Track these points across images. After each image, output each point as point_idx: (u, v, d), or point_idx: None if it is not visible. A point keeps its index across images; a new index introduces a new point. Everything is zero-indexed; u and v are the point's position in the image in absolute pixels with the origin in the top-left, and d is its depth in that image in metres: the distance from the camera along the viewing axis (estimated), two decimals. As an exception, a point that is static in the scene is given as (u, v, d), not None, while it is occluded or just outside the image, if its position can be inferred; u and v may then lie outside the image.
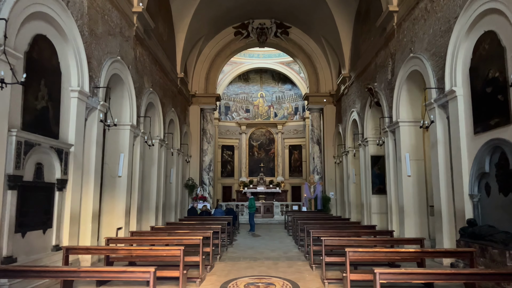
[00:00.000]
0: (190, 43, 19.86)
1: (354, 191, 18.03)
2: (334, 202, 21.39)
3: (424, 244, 7.44)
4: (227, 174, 29.20)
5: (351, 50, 18.49)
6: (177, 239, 7.15)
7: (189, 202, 20.60)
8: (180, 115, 19.17)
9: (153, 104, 14.26)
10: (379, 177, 14.96)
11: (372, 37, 14.84)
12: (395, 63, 12.27)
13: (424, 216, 11.39)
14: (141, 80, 12.91)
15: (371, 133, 15.12)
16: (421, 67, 10.07)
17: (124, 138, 11.48)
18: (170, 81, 17.41)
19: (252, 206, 15.98)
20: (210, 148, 21.96)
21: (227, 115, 29.93)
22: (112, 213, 11.15)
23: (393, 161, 12.52)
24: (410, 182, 11.46)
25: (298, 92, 29.35)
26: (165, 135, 15.77)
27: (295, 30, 22.35)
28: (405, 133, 11.65)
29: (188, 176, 20.88)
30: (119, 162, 11.28)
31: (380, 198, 14.83)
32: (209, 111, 22.26)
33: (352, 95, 18.18)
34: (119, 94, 11.40)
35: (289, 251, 11.15)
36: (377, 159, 15.03)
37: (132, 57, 12.07)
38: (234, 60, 27.80)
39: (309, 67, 22.67)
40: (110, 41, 10.22)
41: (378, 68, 14.12)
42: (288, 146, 29.48)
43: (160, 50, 15.35)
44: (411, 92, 11.54)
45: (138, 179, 12.48)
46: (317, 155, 22.04)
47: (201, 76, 22.27)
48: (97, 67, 9.35)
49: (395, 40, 12.34)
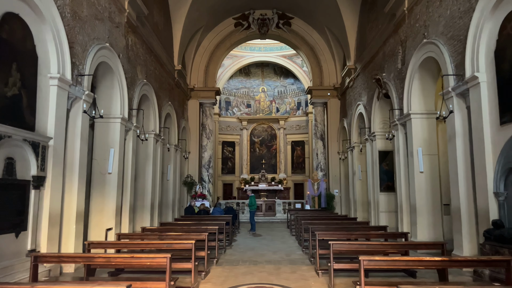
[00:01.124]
0: (188, 34, 19.01)
1: (360, 188, 17.18)
2: (339, 200, 20.55)
3: (446, 248, 6.62)
4: (228, 171, 28.40)
5: (356, 40, 17.60)
6: (167, 243, 6.34)
7: (187, 200, 19.82)
8: (177, 109, 18.35)
9: (148, 96, 13.44)
10: (387, 173, 14.11)
11: (380, 25, 13.96)
12: (406, 50, 11.39)
13: (438, 216, 10.55)
14: (133, 70, 12.09)
15: (379, 127, 14.26)
16: (436, 53, 9.20)
17: (114, 132, 10.67)
18: (167, 73, 16.58)
19: (253, 204, 15.17)
20: (210, 144, 21.14)
21: (228, 110, 29.08)
22: (101, 213, 10.36)
23: (403, 156, 11.67)
24: (422, 178, 10.61)
25: (300, 86, 28.48)
26: (161, 129, 14.96)
27: (297, 21, 21.45)
28: (417, 126, 10.79)
29: (186, 173, 20.07)
30: (109, 157, 10.48)
31: (388, 196, 13.99)
32: (208, 105, 21.42)
33: (358, 87, 17.30)
34: (109, 84, 10.58)
35: (292, 253, 10.33)
36: (385, 154, 14.17)
37: (123, 45, 11.24)
38: (234, 53, 26.95)
39: (312, 59, 21.78)
40: (97, 26, 9.39)
41: (386, 58, 13.24)
42: (291, 142, 28.63)
43: (155, 40, 14.51)
44: (423, 81, 10.67)
45: (130, 176, 11.67)
46: (320, 151, 21.19)
47: (200, 69, 21.42)
48: (81, 53, 8.52)
49: (405, 26, 11.47)
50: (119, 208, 10.82)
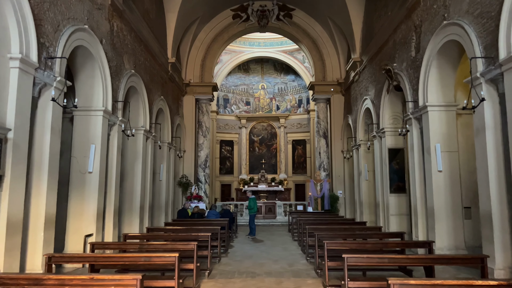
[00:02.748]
0: (183, 25, 17.86)
1: (367, 189, 16.03)
2: (343, 202, 19.39)
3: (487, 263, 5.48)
4: (226, 171, 27.23)
5: (362, 30, 16.46)
6: (146, 257, 5.19)
7: (182, 201, 18.66)
8: (171, 105, 17.19)
9: (136, 88, 12.28)
10: (397, 173, 12.97)
11: (390, 12, 12.82)
12: (421, 36, 10.25)
13: (459, 220, 9.40)
14: (119, 59, 10.94)
15: (389, 123, 13.11)
16: (460, 34, 8.06)
17: (96, 126, 9.53)
18: (159, 65, 15.43)
19: (252, 207, 13.99)
20: (206, 142, 19.98)
21: (226, 108, 27.93)
22: (80, 217, 9.23)
23: (418, 153, 10.52)
24: (441, 178, 9.46)
25: (302, 83, 27.32)
26: (152, 125, 13.81)
27: (299, 13, 20.32)
28: (435, 119, 9.64)
29: (181, 173, 18.92)
30: (89, 155, 9.34)
31: (399, 197, 12.85)
32: (205, 101, 20.27)
33: (364, 81, 16.15)
34: (89, 72, 9.43)
35: (296, 262, 9.18)
36: (396, 152, 13.03)
37: (107, 30, 10.10)
38: (233, 48, 25.82)
39: (315, 53, 20.63)
40: (73, 5, 8.25)
41: (397, 46, 12.10)
42: (292, 141, 27.46)
43: (146, 29, 13.37)
44: (442, 69, 9.53)
45: (115, 175, 10.53)
46: (323, 149, 20.03)
47: (196, 63, 20.27)
48: (52, 34, 7.38)
49: (420, 9, 10.33)
50: (101, 212, 9.67)
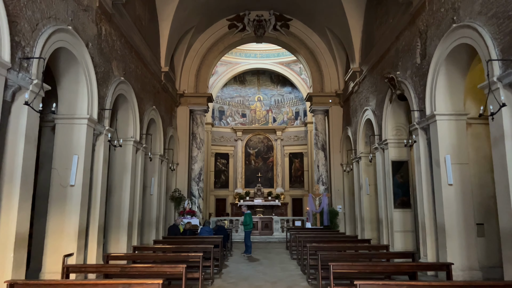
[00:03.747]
0: (177, 34, 17.33)
1: (368, 204, 15.31)
2: (342, 217, 18.63)
3: None
4: (221, 185, 26.43)
5: (362, 40, 16.00)
6: (123, 284, 4.43)
7: (175, 217, 17.81)
8: (164, 116, 16.52)
9: (126, 97, 11.61)
10: (402, 187, 12.29)
11: (391, 19, 12.35)
12: (427, 42, 9.71)
13: (471, 237, 8.68)
14: (107, 65, 10.29)
15: (392, 134, 12.49)
16: (472, 37, 7.50)
17: (79, 135, 8.81)
18: (152, 74, 14.81)
19: (248, 223, 13.19)
20: (201, 155, 19.24)
21: (221, 120, 27.30)
22: (60, 235, 8.45)
23: (425, 166, 9.87)
24: (452, 192, 8.78)
25: (298, 95, 26.83)
26: (142, 136, 13.09)
27: (296, 23, 19.90)
28: (444, 129, 9.02)
29: (174, 187, 18.12)
30: (72, 166, 8.59)
31: (404, 213, 12.15)
32: (199, 112, 19.62)
33: (364, 91, 15.61)
34: (73, 77, 8.76)
35: (296, 284, 8.39)
36: (399, 165, 12.38)
37: (94, 33, 9.47)
38: (229, 60, 25.36)
39: (312, 64, 20.15)
40: (55, 4, 7.62)
41: (400, 54, 11.57)
42: (288, 154, 26.80)
43: (137, 35, 12.78)
44: (450, 76, 8.95)
45: (101, 189, 9.76)
46: (322, 162, 19.35)
47: (191, 73, 19.68)
48: (29, 32, 6.72)
49: (426, 14, 9.82)
50: (83, 229, 8.88)
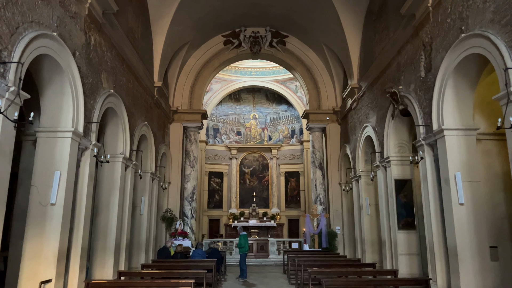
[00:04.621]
0: (172, 49, 16.93)
1: (369, 225, 14.64)
2: (341, 238, 17.89)
3: None
4: (215, 205, 25.60)
5: (360, 56, 15.69)
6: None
7: (166, 238, 16.97)
8: (156, 132, 15.90)
9: (115, 111, 11.00)
10: (406, 207, 11.69)
11: (392, 33, 12.02)
12: (432, 54, 9.31)
13: (485, 261, 8.05)
14: (95, 76, 9.73)
15: (394, 151, 11.96)
16: (485, 46, 7.06)
17: (62, 150, 8.15)
18: (144, 89, 14.27)
19: (243, 246, 12.41)
20: (194, 173, 18.54)
21: (216, 138, 26.71)
22: (38, 259, 7.67)
23: (433, 184, 9.30)
24: (463, 213, 8.18)
25: (294, 113, 26.44)
26: (133, 153, 12.43)
27: (292, 40, 19.65)
28: (453, 145, 8.49)
29: (165, 207, 17.33)
30: (53, 183, 7.89)
31: (408, 234, 11.50)
32: (193, 129, 19.03)
33: (363, 108, 15.17)
34: (58, 88, 8.16)
35: (296, 314, 7.65)
36: (402, 183, 11.81)
37: (82, 42, 8.95)
38: (224, 77, 25.03)
39: (309, 81, 19.79)
40: (39, 7, 7.10)
41: (403, 68, 11.17)
42: (284, 173, 26.16)
43: (130, 48, 12.29)
44: (459, 89, 8.49)
45: (85, 208, 9.04)
46: (319, 181, 18.72)
47: (185, 89, 19.20)
48: (7, 36, 6.16)
49: (430, 25, 9.45)
50: (64, 252, 8.12)
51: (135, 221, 13.82)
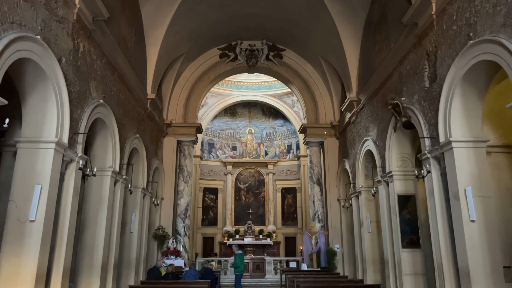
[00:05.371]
0: (166, 61, 16.52)
1: (370, 243, 14.01)
2: (340, 257, 17.20)
3: None
4: (209, 223, 24.83)
5: (358, 68, 15.36)
6: None
7: (158, 257, 16.20)
8: (149, 146, 15.33)
9: (105, 122, 10.45)
10: (410, 224, 11.12)
11: (393, 44, 11.68)
12: (437, 63, 8.92)
13: (500, 283, 7.47)
14: (84, 84, 9.22)
15: (397, 165, 11.45)
16: (496, 52, 6.65)
17: (44, 162, 7.56)
18: (136, 100, 13.77)
19: (239, 266, 11.71)
20: (188, 189, 17.89)
21: (211, 153, 26.15)
22: (15, 280, 6.99)
23: (440, 200, 8.77)
24: (475, 230, 7.63)
25: (291, 128, 26.02)
26: (123, 166, 11.83)
27: (289, 53, 19.37)
28: (462, 157, 8.00)
29: (157, 224, 16.62)
30: (33, 198, 7.28)
31: (413, 253, 10.89)
32: (187, 143, 18.47)
33: (363, 121, 14.74)
34: (41, 95, 7.63)
35: None
36: (406, 199, 11.26)
37: (69, 48, 8.47)
38: (219, 91, 24.67)
39: (306, 95, 19.42)
40: (21, 8, 6.63)
41: (405, 78, 10.79)
42: (281, 189, 25.55)
43: (122, 57, 11.83)
44: (467, 98, 8.06)
45: (68, 225, 8.40)
46: (317, 197, 18.14)
47: (180, 102, 18.73)
48: (-17, 35, 5.66)
49: (434, 34, 9.10)
50: (44, 273, 7.45)
51: (124, 239, 13.12)
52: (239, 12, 16.79)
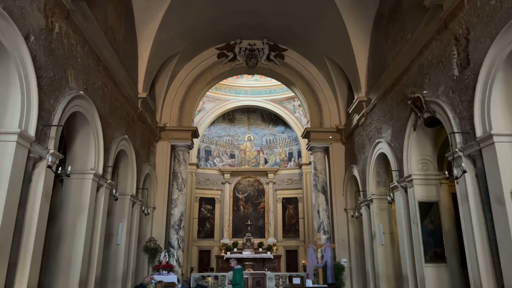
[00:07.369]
0: (159, 58, 15.30)
1: (384, 257, 12.61)
2: (348, 272, 15.76)
3: None
4: (206, 235, 23.30)
5: (368, 66, 14.19)
6: None
7: (149, 272, 14.71)
8: (139, 150, 14.00)
9: (86, 117, 9.14)
10: (433, 235, 9.78)
11: (410, 34, 10.51)
12: (469, 46, 7.71)
13: (559, 307, 6.12)
14: (59, 71, 7.95)
15: (417, 168, 10.15)
16: (556, 20, 5.44)
17: (3, 158, 6.22)
18: (125, 98, 12.50)
19: (238, 283, 10.27)
20: (182, 198, 16.46)
21: (208, 161, 24.78)
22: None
23: (476, 206, 7.47)
24: (526, 241, 6.32)
25: (292, 135, 24.76)
26: (107, 169, 10.48)
27: (291, 53, 18.19)
28: (506, 154, 6.73)
29: (148, 236, 15.17)
30: (-13, 201, 5.92)
31: (438, 268, 9.52)
32: (182, 149, 17.12)
33: (374, 122, 13.50)
34: (0, 76, 6.33)
35: None
36: (428, 207, 9.94)
37: (40, 26, 7.21)
38: (217, 96, 23.46)
39: (310, 97, 18.20)
40: (-26, -34, 5.39)
41: (426, 70, 9.58)
42: (281, 199, 24.12)
43: (108, 48, 10.59)
44: (511, 84, 6.83)
45: (35, 235, 7.01)
46: (323, 207, 16.74)
47: (174, 104, 17.46)
48: None
49: (464, 14, 7.91)
50: (-1, 294, 6.04)
51: (110, 252, 11.70)
52: (239, 9, 15.63)
